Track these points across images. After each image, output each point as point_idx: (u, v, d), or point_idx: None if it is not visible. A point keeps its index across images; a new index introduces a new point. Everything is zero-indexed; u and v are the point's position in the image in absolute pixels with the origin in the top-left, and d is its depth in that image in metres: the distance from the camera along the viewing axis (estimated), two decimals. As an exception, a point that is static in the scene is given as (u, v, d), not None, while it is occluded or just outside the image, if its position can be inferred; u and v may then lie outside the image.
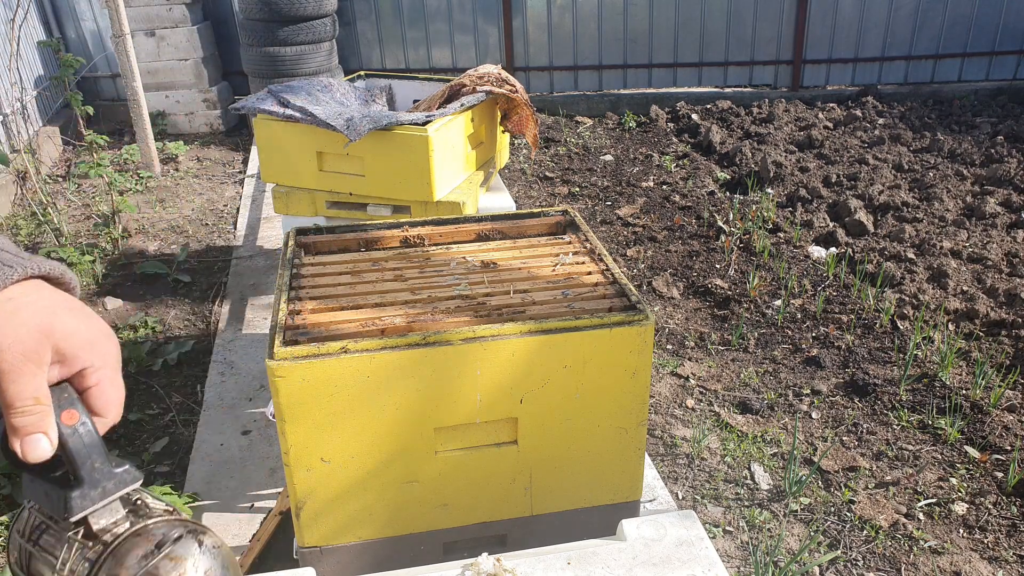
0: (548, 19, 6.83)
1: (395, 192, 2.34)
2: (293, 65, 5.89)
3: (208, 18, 6.60)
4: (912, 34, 6.88)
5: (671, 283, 4.03)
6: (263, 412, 3.01)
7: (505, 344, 1.33)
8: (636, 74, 7.07)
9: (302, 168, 2.42)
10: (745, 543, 2.47)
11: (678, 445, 2.90)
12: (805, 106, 6.81)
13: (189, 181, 5.56)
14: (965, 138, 5.84)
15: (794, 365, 3.37)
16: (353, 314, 1.45)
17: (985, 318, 3.60)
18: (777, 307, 3.77)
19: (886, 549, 2.43)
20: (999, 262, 4.08)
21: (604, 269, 1.61)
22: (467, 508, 1.47)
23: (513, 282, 1.57)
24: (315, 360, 1.28)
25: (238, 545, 2.42)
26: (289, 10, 5.73)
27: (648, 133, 6.49)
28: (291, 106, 2.31)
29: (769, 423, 3.02)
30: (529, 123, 2.62)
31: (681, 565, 1.21)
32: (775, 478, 2.74)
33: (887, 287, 3.89)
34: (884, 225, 4.53)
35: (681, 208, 4.97)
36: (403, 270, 1.65)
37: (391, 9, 6.78)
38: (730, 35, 6.91)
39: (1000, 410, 3.00)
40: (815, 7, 6.77)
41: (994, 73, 7.01)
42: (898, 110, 6.57)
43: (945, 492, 2.65)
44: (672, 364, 3.39)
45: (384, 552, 1.46)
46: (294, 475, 1.36)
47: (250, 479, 2.70)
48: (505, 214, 1.90)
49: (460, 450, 1.42)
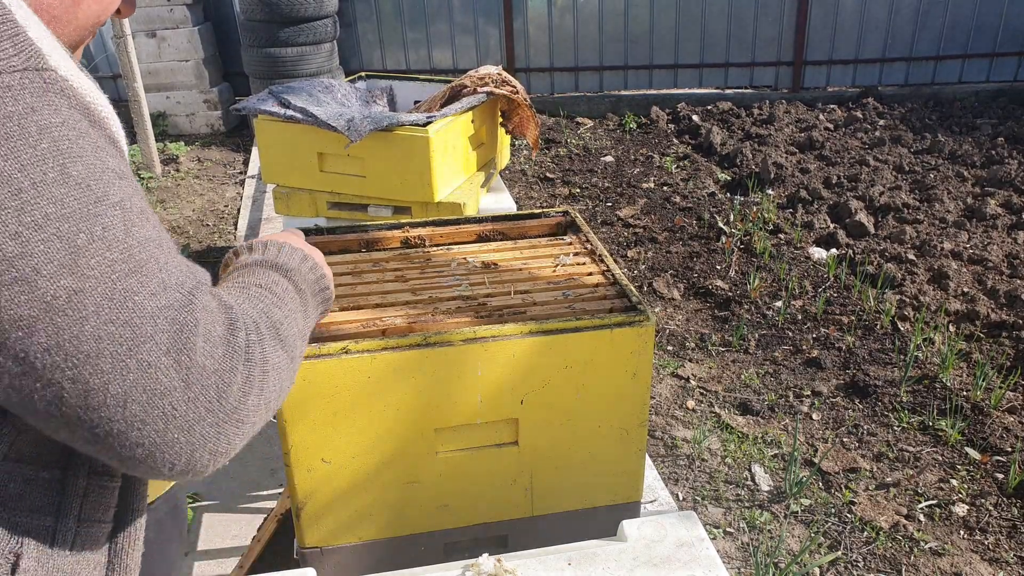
0: (549, 20, 6.83)
1: (396, 193, 2.34)
2: (294, 66, 5.89)
3: (209, 19, 6.60)
4: (913, 35, 6.88)
5: (672, 284, 4.03)
6: (264, 413, 3.00)
7: (506, 345, 1.33)
8: (637, 75, 7.07)
9: (303, 169, 2.42)
10: (745, 544, 2.47)
11: (679, 446, 2.90)
12: (806, 107, 6.81)
13: (190, 182, 5.57)
14: (966, 139, 5.84)
15: (795, 366, 3.37)
16: (354, 315, 1.45)
17: (986, 319, 3.60)
18: (778, 308, 3.77)
19: (887, 550, 2.43)
20: (1000, 263, 4.07)
21: (605, 270, 1.61)
22: (468, 509, 1.47)
23: (514, 283, 1.57)
24: (316, 360, 1.28)
25: (238, 546, 2.42)
26: (290, 11, 5.74)
27: (649, 134, 6.49)
28: (292, 107, 2.31)
29: (770, 424, 3.02)
30: (530, 124, 2.62)
31: (682, 566, 1.21)
32: (776, 479, 2.74)
33: (888, 288, 3.89)
34: (885, 226, 4.53)
35: (682, 209, 4.97)
36: (404, 271, 1.65)
37: (392, 10, 6.78)
38: (731, 36, 6.91)
39: (1001, 411, 3.00)
40: (816, 8, 6.77)
41: (995, 75, 7.01)
42: (899, 111, 6.57)
43: (946, 493, 2.65)
44: (673, 365, 3.39)
45: (385, 553, 1.46)
46: (295, 475, 1.36)
47: (250, 480, 2.70)
48: (506, 215, 1.90)
49: (461, 451, 1.42)
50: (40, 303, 0.64)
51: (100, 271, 0.67)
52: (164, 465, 0.73)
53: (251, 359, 0.77)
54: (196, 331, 0.72)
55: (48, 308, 0.65)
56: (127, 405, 0.68)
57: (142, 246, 0.70)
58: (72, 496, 0.77)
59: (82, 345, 0.66)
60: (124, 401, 0.68)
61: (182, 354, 0.70)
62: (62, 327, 0.65)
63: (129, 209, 0.70)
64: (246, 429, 0.77)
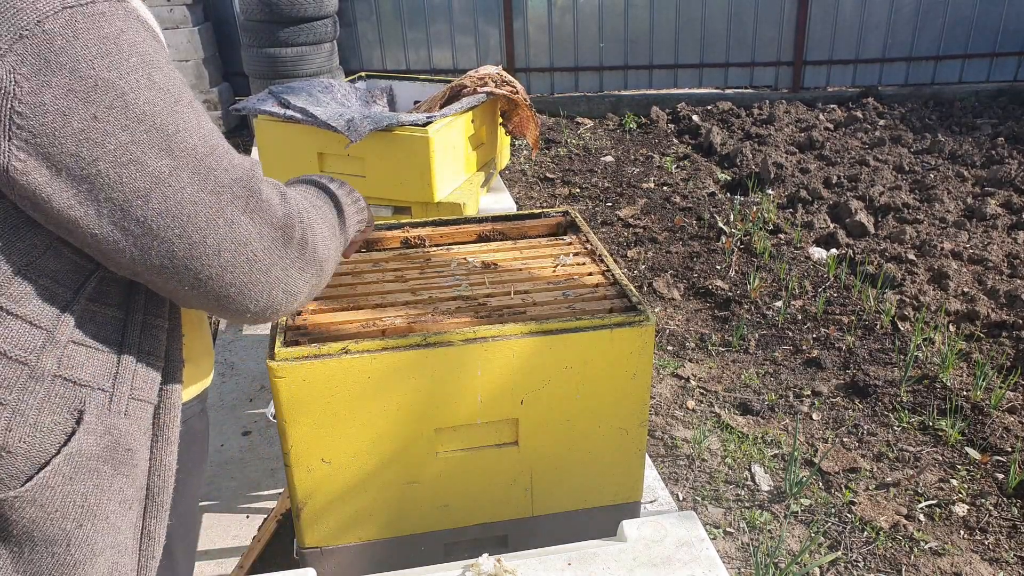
0: (549, 20, 6.83)
1: (396, 193, 2.34)
2: (294, 66, 5.89)
3: (209, 19, 6.60)
4: (913, 35, 6.88)
5: (672, 284, 4.03)
6: (263, 413, 3.01)
7: (506, 345, 1.33)
8: (637, 75, 7.07)
9: (303, 169, 2.42)
10: (746, 544, 2.47)
11: (679, 446, 2.90)
12: (806, 107, 6.81)
13: (190, 182, 5.56)
14: (966, 139, 5.84)
15: (795, 366, 3.37)
16: (354, 315, 1.45)
17: (986, 319, 3.60)
18: (778, 308, 3.77)
19: (887, 550, 2.43)
20: (1000, 263, 4.07)
21: (605, 270, 1.61)
22: (468, 509, 1.47)
23: (514, 283, 1.57)
24: (316, 360, 1.28)
25: (239, 546, 2.42)
26: (290, 11, 5.73)
27: (649, 134, 6.49)
28: (292, 107, 2.31)
29: (770, 424, 3.02)
30: (530, 124, 2.62)
31: (682, 566, 1.21)
32: (776, 479, 2.74)
33: (888, 288, 3.89)
34: (885, 226, 4.53)
35: (682, 209, 4.97)
36: (404, 271, 1.65)
37: (392, 10, 6.78)
38: (731, 36, 6.91)
39: (1001, 411, 3.00)
40: (816, 8, 6.78)
41: (995, 74, 7.01)
42: (899, 111, 6.57)
43: (946, 493, 2.65)
44: (673, 365, 3.39)
45: (385, 553, 1.46)
46: (294, 476, 1.36)
47: (250, 480, 2.70)
48: (506, 215, 1.90)
49: (461, 451, 1.42)
50: (151, 177, 0.83)
51: (188, 152, 0.86)
52: (251, 302, 0.96)
53: (302, 220, 1.00)
54: (261, 196, 0.93)
55: (157, 181, 0.84)
56: (221, 253, 0.90)
57: (212, 134, 0.89)
58: (132, 329, 0.95)
59: (184, 208, 0.86)
60: (218, 250, 0.89)
61: (255, 213, 0.92)
62: (168, 195, 0.85)
63: (197, 108, 0.89)
64: (307, 276, 1.01)
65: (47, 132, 0.78)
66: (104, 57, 0.80)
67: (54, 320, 0.88)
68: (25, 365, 0.86)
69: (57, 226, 0.84)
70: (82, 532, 0.92)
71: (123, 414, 0.94)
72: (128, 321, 0.95)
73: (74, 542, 0.91)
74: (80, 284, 0.90)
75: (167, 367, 1.00)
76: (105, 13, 0.81)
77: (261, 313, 0.98)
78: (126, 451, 0.95)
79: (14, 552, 0.89)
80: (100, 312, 0.92)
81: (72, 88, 0.78)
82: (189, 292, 0.91)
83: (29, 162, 0.79)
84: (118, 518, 0.95)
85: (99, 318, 0.92)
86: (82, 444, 0.90)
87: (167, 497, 1.02)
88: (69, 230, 0.84)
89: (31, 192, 0.80)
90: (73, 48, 0.78)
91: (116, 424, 0.93)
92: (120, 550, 0.97)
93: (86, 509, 0.91)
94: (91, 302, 0.91)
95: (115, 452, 0.93)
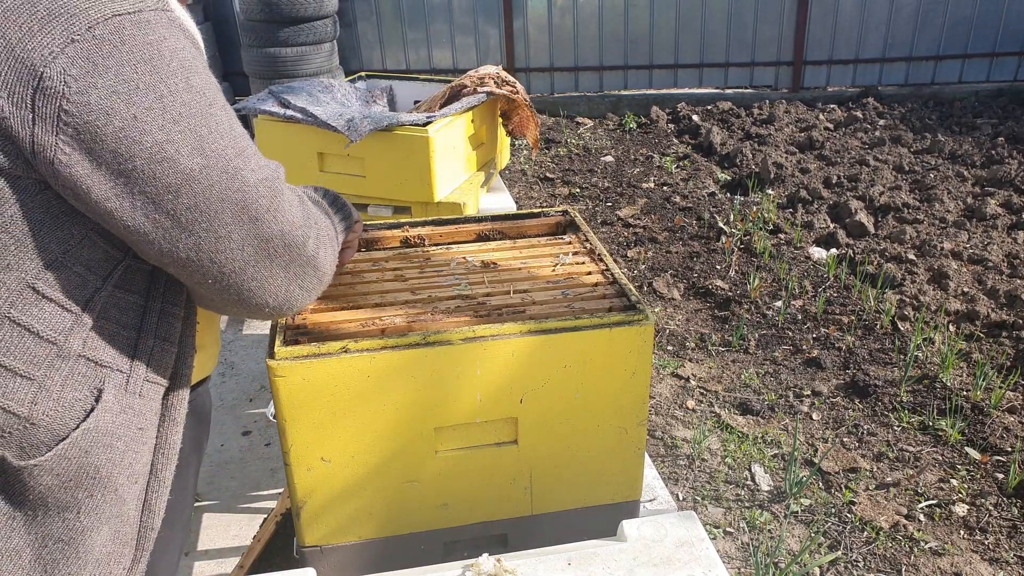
0: (549, 20, 6.83)
1: (396, 193, 2.34)
2: (294, 66, 5.89)
3: (209, 19, 6.60)
4: (913, 35, 6.88)
5: (672, 284, 4.03)
6: (263, 412, 3.01)
7: (505, 344, 1.33)
8: (637, 75, 7.07)
9: (303, 169, 2.42)
10: (745, 544, 2.47)
11: (679, 446, 2.90)
12: (806, 107, 6.81)
13: (190, 182, 5.57)
14: (966, 139, 5.84)
15: (795, 366, 3.37)
16: (353, 314, 1.45)
17: (986, 319, 3.60)
18: (778, 308, 3.77)
19: (887, 550, 2.43)
20: (1000, 263, 4.07)
21: (604, 269, 1.61)
22: (467, 508, 1.47)
23: (513, 282, 1.57)
24: (315, 360, 1.28)
25: (239, 545, 2.42)
26: (290, 11, 5.74)
27: (649, 134, 6.49)
28: (292, 107, 2.31)
29: (770, 424, 3.02)
30: (530, 124, 2.62)
31: (682, 566, 1.21)
32: (776, 479, 2.74)
33: (888, 288, 3.89)
34: (885, 226, 4.53)
35: (682, 209, 4.97)
36: (403, 270, 1.65)
37: (392, 10, 6.78)
38: (731, 36, 6.92)
39: (1001, 411, 3.00)
40: (816, 8, 6.78)
41: (995, 74, 7.01)
42: (899, 111, 6.57)
43: (946, 493, 2.65)
44: (673, 365, 3.39)
45: (385, 552, 1.46)
46: (294, 475, 1.36)
47: (250, 479, 2.70)
48: (505, 214, 1.90)
49: (460, 450, 1.42)
50: (182, 174, 0.90)
51: (218, 153, 0.92)
52: (271, 296, 1.03)
53: (317, 222, 1.09)
54: (283, 198, 1.00)
55: (188, 178, 0.90)
56: (244, 248, 0.96)
57: (241, 137, 0.96)
58: (150, 315, 1.01)
59: (212, 204, 0.92)
60: (243, 245, 0.96)
61: (278, 213, 0.99)
62: (197, 192, 0.91)
63: (229, 112, 0.96)
64: (320, 275, 1.10)
65: (91, 129, 0.84)
66: (147, 62, 0.87)
67: (83, 304, 0.94)
68: (54, 344, 0.93)
69: (95, 215, 0.90)
70: (92, 501, 0.98)
71: (138, 395, 1.01)
72: (147, 308, 1.02)
73: (84, 510, 0.98)
74: (109, 272, 0.96)
75: (180, 352, 1.06)
76: (151, 21, 0.88)
77: (278, 308, 1.06)
78: (138, 429, 1.02)
79: (28, 516, 0.96)
80: (124, 299, 0.99)
81: (116, 90, 0.85)
82: (213, 286, 0.98)
83: (73, 156, 0.85)
84: (125, 491, 1.02)
85: (122, 304, 0.98)
86: (100, 420, 0.96)
87: (169, 474, 1.09)
88: (105, 219, 0.91)
89: (73, 183, 0.87)
90: (120, 53, 0.85)
91: (131, 404, 1.00)
92: (124, 520, 1.03)
93: (98, 481, 0.98)
94: (116, 289, 0.98)
95: (129, 429, 1.00)
